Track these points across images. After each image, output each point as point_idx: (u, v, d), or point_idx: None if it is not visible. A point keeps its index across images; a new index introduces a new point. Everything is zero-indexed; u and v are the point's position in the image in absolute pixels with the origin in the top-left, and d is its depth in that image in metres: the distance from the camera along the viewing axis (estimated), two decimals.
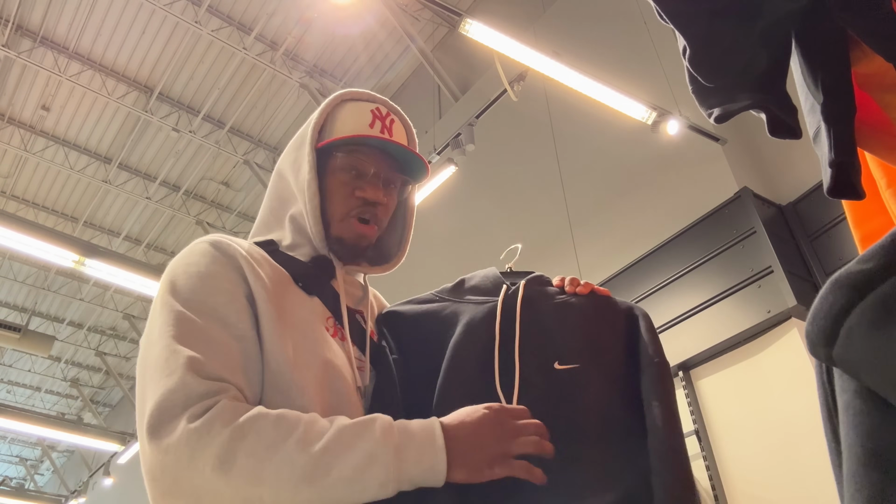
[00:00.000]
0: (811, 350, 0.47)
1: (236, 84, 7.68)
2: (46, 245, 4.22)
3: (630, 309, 1.01)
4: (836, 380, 0.47)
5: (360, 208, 0.99)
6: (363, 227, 1.00)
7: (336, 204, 1.00)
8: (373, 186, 1.00)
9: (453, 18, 4.26)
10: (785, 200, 3.81)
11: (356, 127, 1.02)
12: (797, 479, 3.00)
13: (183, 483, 0.72)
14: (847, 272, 0.45)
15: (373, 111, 1.04)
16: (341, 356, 0.92)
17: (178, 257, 0.92)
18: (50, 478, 14.97)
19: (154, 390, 0.77)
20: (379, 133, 1.02)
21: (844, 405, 0.45)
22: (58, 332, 10.92)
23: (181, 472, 0.72)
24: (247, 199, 9.11)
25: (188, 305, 0.83)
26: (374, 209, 1.00)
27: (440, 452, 0.76)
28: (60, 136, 8.19)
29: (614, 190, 4.52)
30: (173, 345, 0.79)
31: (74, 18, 6.95)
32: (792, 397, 3.13)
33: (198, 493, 0.73)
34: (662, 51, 4.34)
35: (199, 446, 0.72)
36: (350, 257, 1.01)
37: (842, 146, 0.63)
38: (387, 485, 0.74)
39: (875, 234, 0.77)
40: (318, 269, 0.98)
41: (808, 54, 0.65)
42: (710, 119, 0.72)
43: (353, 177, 1.00)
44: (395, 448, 0.75)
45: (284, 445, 0.73)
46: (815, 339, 0.46)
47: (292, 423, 0.75)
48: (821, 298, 0.46)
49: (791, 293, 3.22)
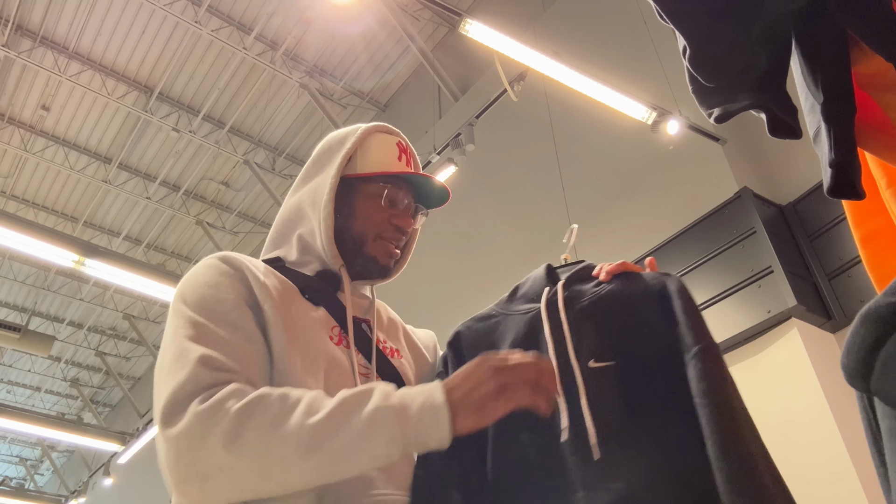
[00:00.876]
0: (849, 382, 0.48)
1: (236, 84, 7.68)
2: (46, 245, 4.22)
3: (664, 287, 0.95)
4: (878, 406, 0.48)
5: (393, 234, 1.08)
6: (389, 248, 1.08)
7: (371, 227, 1.07)
8: (407, 217, 1.09)
9: (453, 18, 4.26)
10: (785, 200, 3.81)
11: (388, 160, 1.10)
12: (797, 479, 2.99)
13: (197, 464, 0.75)
14: (876, 305, 0.46)
15: (398, 144, 1.13)
16: (345, 363, 0.96)
17: (188, 273, 0.97)
18: (50, 478, 14.97)
19: (167, 385, 0.80)
20: (406, 167, 1.12)
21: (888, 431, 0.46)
22: (58, 332, 10.92)
23: (194, 453, 0.75)
24: (247, 199, 9.10)
25: (199, 311, 0.88)
26: (403, 238, 1.10)
27: (441, 403, 0.77)
28: (60, 136, 8.19)
29: (614, 190, 4.52)
30: (185, 343, 0.83)
31: (74, 18, 6.95)
32: (792, 397, 3.13)
33: (211, 472, 0.75)
34: (662, 51, 4.34)
35: (209, 425, 0.75)
36: (373, 274, 1.08)
37: (842, 146, 0.63)
38: (394, 443, 0.76)
39: (875, 234, 0.77)
40: (324, 281, 1.04)
41: (808, 54, 0.65)
42: (710, 119, 0.72)
43: (388, 205, 1.08)
44: (398, 407, 0.77)
45: (290, 417, 0.76)
46: (853, 372, 0.47)
47: (296, 397, 0.78)
48: (853, 333, 0.47)
49: (791, 293, 3.22)
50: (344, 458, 0.75)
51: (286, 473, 0.75)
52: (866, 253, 0.79)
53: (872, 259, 0.78)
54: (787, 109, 0.68)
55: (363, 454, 0.76)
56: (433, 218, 1.20)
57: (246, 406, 0.76)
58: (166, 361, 0.83)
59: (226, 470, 0.75)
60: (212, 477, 0.75)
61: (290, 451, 0.74)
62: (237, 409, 0.76)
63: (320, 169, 1.10)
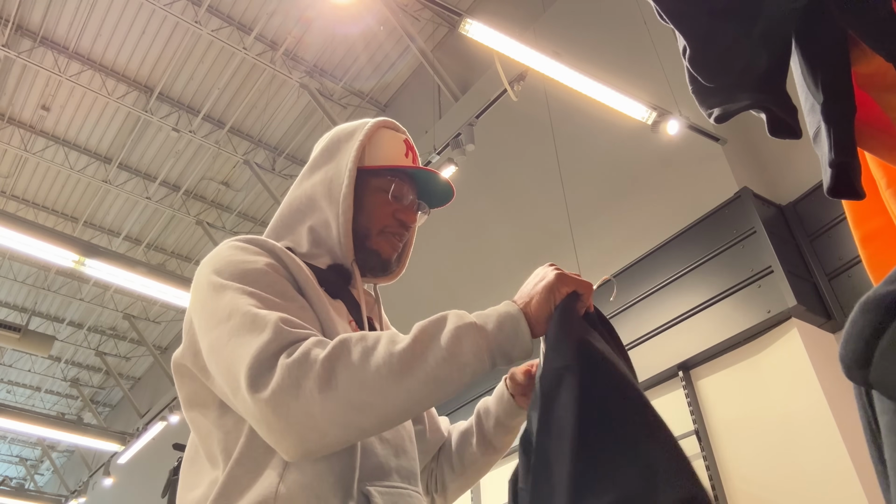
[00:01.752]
0: (847, 374, 0.47)
1: (236, 84, 7.68)
2: (46, 245, 4.22)
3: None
4: (876, 401, 0.47)
5: (397, 228, 1.09)
6: (395, 244, 1.09)
7: (375, 220, 1.07)
8: (411, 212, 1.10)
9: (453, 18, 4.26)
10: (785, 200, 3.81)
11: (396, 155, 1.11)
12: (797, 479, 3.00)
13: (297, 415, 0.75)
14: (875, 294, 0.45)
15: (405, 142, 1.14)
16: None
17: (211, 255, 0.96)
18: (50, 478, 14.97)
19: (246, 350, 0.79)
20: (412, 163, 1.13)
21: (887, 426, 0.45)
22: (58, 332, 10.92)
23: (291, 404, 0.75)
24: (247, 199, 9.10)
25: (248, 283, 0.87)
26: (407, 232, 1.11)
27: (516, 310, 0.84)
28: (60, 136, 8.19)
29: (614, 190, 4.52)
30: (254, 311, 0.82)
31: (74, 18, 6.95)
32: (792, 397, 3.13)
33: (313, 420, 0.75)
34: (662, 51, 4.34)
35: (301, 374, 0.76)
36: (376, 269, 1.09)
37: (842, 146, 0.63)
38: (479, 354, 0.80)
39: (875, 233, 0.77)
40: (337, 275, 1.04)
41: (808, 54, 0.65)
42: (710, 119, 0.72)
43: (393, 199, 1.08)
44: (477, 323, 0.82)
45: (375, 351, 0.78)
46: (850, 362, 0.46)
47: (375, 336, 0.81)
48: (851, 322, 0.46)
49: (791, 293, 3.22)
50: (436, 375, 0.78)
51: (384, 402, 0.76)
52: (866, 253, 0.79)
53: (872, 259, 0.78)
54: (787, 109, 0.68)
55: (453, 368, 0.78)
56: (433, 218, 1.20)
57: (332, 351, 0.78)
58: (232, 331, 0.82)
59: (326, 415, 0.75)
60: (314, 425, 0.75)
61: (384, 379, 0.76)
62: (324, 355, 0.77)
63: (330, 159, 1.09)
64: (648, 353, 3.75)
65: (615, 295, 1.19)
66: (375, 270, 1.09)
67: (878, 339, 0.44)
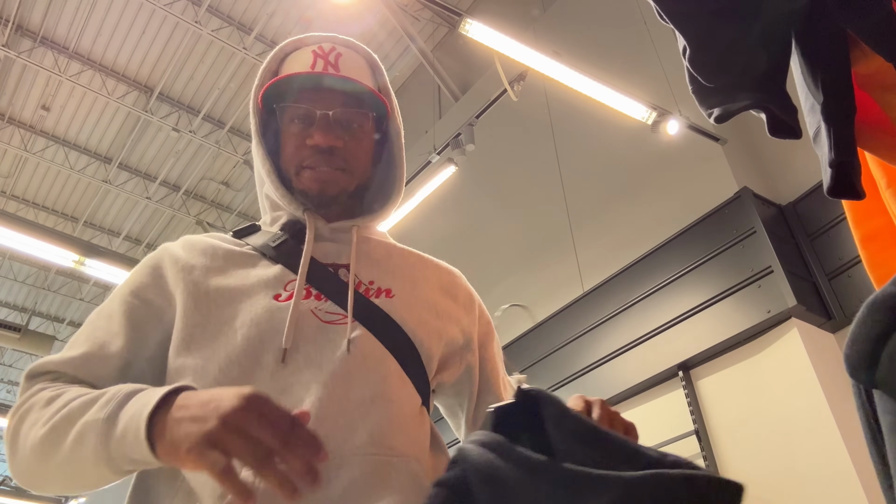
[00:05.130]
0: (852, 374, 0.46)
1: (236, 84, 7.68)
2: (46, 245, 4.23)
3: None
4: (877, 401, 0.46)
5: (312, 157, 0.91)
6: (319, 174, 0.92)
7: (290, 158, 0.93)
8: (321, 131, 0.90)
9: (453, 18, 4.26)
10: (785, 200, 3.81)
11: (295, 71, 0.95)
12: (797, 479, 3.00)
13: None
14: (883, 295, 0.45)
15: (314, 51, 0.95)
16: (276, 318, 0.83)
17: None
18: None
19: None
20: (316, 70, 0.93)
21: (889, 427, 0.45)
22: (58, 332, 10.91)
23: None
24: (247, 199, 9.10)
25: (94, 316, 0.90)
26: (331, 156, 0.91)
27: (142, 423, 0.65)
28: (60, 136, 8.19)
29: (614, 190, 4.52)
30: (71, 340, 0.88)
31: (74, 18, 6.95)
32: (792, 397, 3.13)
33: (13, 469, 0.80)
34: (662, 51, 4.34)
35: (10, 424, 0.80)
36: (325, 207, 0.94)
37: (842, 146, 0.63)
38: (98, 457, 0.68)
39: (875, 233, 0.77)
40: (289, 235, 0.92)
41: (808, 54, 0.65)
42: (710, 119, 0.72)
43: (302, 126, 0.92)
44: (107, 417, 0.68)
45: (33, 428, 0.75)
46: (857, 363, 0.45)
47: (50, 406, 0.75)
48: (859, 322, 0.46)
49: (791, 293, 3.22)
50: (69, 468, 0.72)
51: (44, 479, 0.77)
52: (866, 253, 0.79)
53: (872, 259, 0.78)
54: (787, 109, 0.68)
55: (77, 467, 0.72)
56: (433, 218, 1.17)
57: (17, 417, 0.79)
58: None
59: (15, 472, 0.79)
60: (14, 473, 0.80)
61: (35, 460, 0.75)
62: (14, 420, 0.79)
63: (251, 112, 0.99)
64: (648, 353, 3.75)
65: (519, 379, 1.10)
66: (324, 209, 0.94)
67: (886, 340, 0.43)
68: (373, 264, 0.94)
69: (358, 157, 0.95)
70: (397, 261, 0.97)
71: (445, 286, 0.99)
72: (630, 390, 3.75)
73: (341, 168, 0.93)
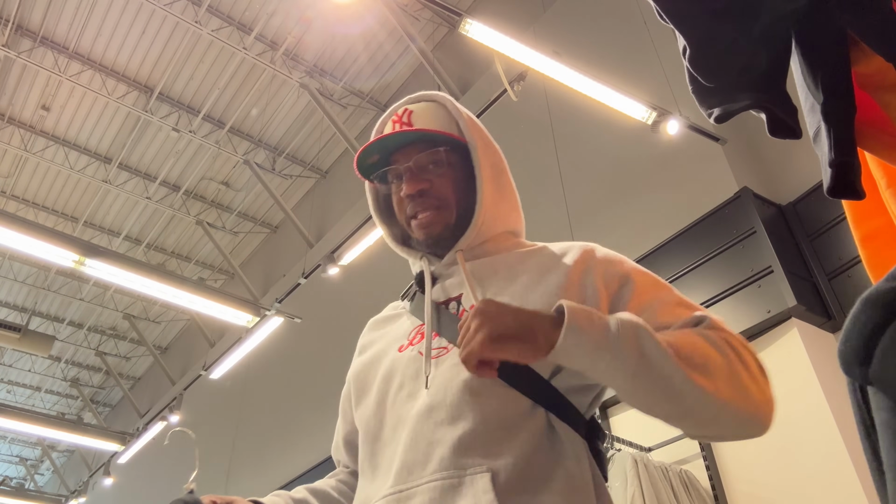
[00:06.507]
0: (846, 370, 0.46)
1: (236, 84, 7.68)
2: (46, 245, 4.22)
3: None
4: (871, 398, 0.46)
5: (411, 206, 1.01)
6: (421, 220, 1.01)
7: (400, 215, 1.05)
8: (408, 181, 1.01)
9: (453, 18, 4.26)
10: (785, 200, 3.81)
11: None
12: (797, 479, 3.00)
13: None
14: (877, 291, 0.45)
15: (393, 120, 1.06)
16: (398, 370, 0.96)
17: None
18: (50, 478, 14.97)
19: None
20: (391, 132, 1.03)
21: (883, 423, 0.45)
22: (58, 332, 10.92)
23: None
24: (247, 199, 9.10)
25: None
26: (421, 199, 1.00)
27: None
28: (60, 136, 8.19)
29: (614, 190, 4.52)
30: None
31: (74, 18, 6.95)
32: (792, 397, 3.13)
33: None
34: (662, 51, 4.34)
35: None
36: (439, 247, 1.03)
37: (842, 146, 0.63)
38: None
39: (875, 233, 0.77)
40: (417, 284, 1.05)
41: (808, 54, 0.65)
42: (710, 119, 0.72)
43: (398, 184, 1.03)
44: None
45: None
46: (850, 358, 0.45)
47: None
48: (853, 318, 0.45)
49: (791, 293, 3.22)
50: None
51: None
52: (866, 253, 0.79)
53: (872, 259, 0.78)
54: (787, 109, 0.68)
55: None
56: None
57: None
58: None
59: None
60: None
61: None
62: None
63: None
64: None
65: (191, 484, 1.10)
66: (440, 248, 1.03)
67: (880, 335, 0.43)
68: (479, 284, 0.99)
69: (446, 191, 1.02)
70: (503, 270, 1.00)
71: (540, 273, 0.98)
72: None
73: (436, 207, 1.01)
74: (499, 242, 1.06)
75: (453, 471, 0.81)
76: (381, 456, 0.91)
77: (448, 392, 0.87)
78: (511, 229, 1.09)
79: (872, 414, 0.46)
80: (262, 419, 7.77)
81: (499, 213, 1.06)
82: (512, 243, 1.07)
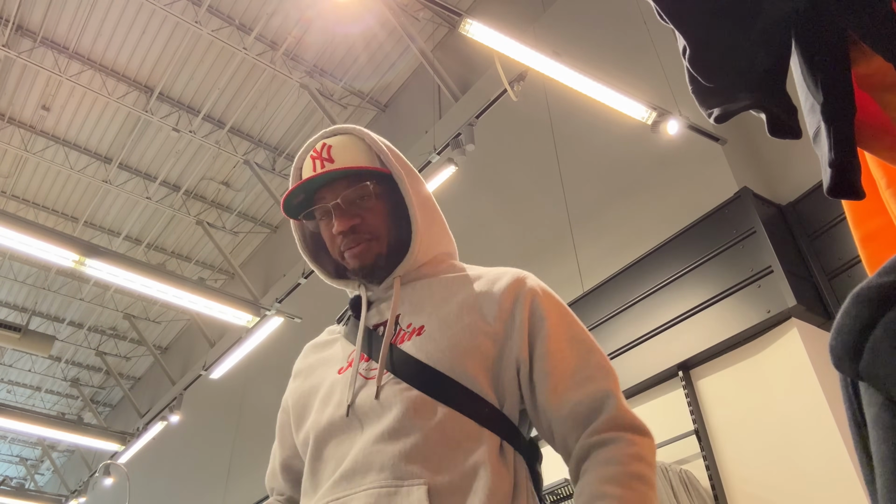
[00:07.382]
0: (837, 365, 0.46)
1: (236, 84, 7.68)
2: (46, 245, 4.22)
3: None
4: (863, 393, 0.46)
5: (343, 241, 1.04)
6: (353, 252, 1.05)
7: (333, 251, 1.08)
8: (338, 219, 1.04)
9: (453, 18, 4.26)
10: (785, 200, 3.81)
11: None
12: (797, 479, 3.00)
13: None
14: (868, 286, 0.45)
15: (311, 156, 1.07)
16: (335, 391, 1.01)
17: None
18: (50, 478, 14.97)
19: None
20: (311, 174, 1.05)
21: (873, 419, 0.45)
22: (58, 332, 10.91)
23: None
24: (247, 199, 9.10)
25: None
26: (354, 235, 1.04)
27: None
28: (60, 136, 8.19)
29: (614, 190, 4.52)
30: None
31: (74, 18, 6.95)
32: (792, 397, 3.13)
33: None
34: (662, 51, 4.34)
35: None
36: (373, 276, 1.07)
37: (842, 146, 0.63)
38: None
39: (875, 233, 0.77)
40: (352, 309, 1.10)
41: (808, 54, 0.65)
42: (710, 119, 0.72)
43: (327, 221, 1.06)
44: None
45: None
46: (841, 354, 0.45)
47: None
48: (843, 313, 0.45)
49: (791, 293, 3.22)
50: None
51: None
52: (866, 253, 0.78)
53: (872, 259, 0.78)
54: (787, 109, 0.68)
55: None
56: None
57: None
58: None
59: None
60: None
61: None
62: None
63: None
64: (648, 353, 3.75)
65: None
66: (373, 276, 1.07)
67: (871, 330, 0.43)
68: (413, 306, 1.04)
69: (378, 224, 1.05)
70: (438, 293, 1.05)
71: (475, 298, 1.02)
72: (630, 390, 3.76)
73: (367, 240, 1.04)
74: (435, 265, 1.10)
75: (392, 480, 0.86)
76: (323, 472, 0.95)
77: (391, 410, 0.92)
78: (445, 251, 1.14)
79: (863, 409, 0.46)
80: (262, 419, 7.76)
81: (432, 237, 1.10)
82: (447, 265, 1.11)
